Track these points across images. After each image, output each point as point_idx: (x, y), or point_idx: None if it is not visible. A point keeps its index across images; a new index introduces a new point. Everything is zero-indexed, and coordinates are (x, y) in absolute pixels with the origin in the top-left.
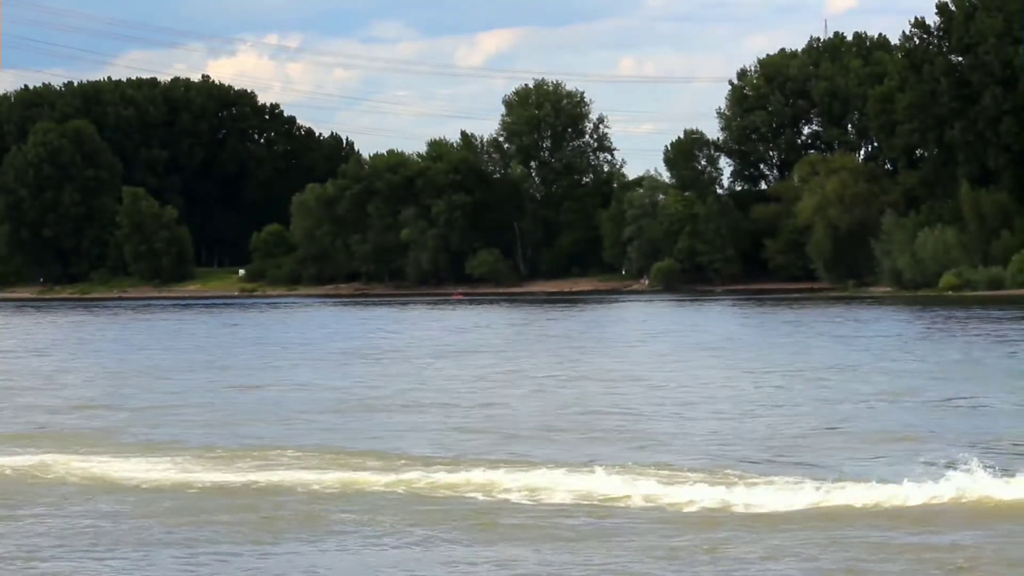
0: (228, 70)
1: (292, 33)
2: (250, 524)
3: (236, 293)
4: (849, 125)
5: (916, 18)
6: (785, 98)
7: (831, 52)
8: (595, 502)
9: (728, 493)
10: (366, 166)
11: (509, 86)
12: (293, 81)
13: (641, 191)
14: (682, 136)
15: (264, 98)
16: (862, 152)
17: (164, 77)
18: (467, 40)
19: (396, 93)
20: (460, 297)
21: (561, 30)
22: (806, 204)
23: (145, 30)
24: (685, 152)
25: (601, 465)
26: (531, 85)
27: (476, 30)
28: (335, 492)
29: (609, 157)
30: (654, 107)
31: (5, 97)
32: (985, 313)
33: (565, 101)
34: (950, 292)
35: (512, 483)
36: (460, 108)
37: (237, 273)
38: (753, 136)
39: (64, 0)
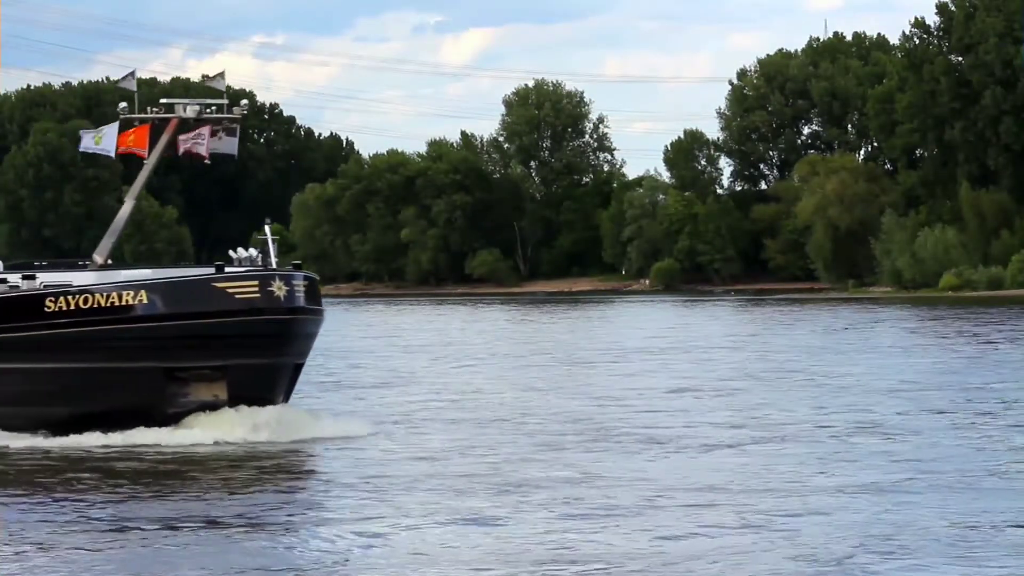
0: (212, 70)
1: (278, 32)
2: None
3: None
4: (849, 125)
5: (916, 18)
6: (785, 98)
7: (831, 52)
8: None
9: None
10: (366, 166)
11: (510, 86)
12: (276, 80)
13: (641, 191)
14: (682, 136)
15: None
16: (862, 152)
17: (164, 77)
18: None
19: (385, 92)
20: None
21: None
22: (806, 204)
23: (130, 27)
24: (685, 152)
25: None
26: (531, 85)
27: (464, 27)
28: None
29: (609, 157)
30: (653, 107)
31: (6, 97)
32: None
33: (565, 101)
34: (950, 292)
35: None
36: (453, 107)
37: None
38: (753, 136)
39: None
